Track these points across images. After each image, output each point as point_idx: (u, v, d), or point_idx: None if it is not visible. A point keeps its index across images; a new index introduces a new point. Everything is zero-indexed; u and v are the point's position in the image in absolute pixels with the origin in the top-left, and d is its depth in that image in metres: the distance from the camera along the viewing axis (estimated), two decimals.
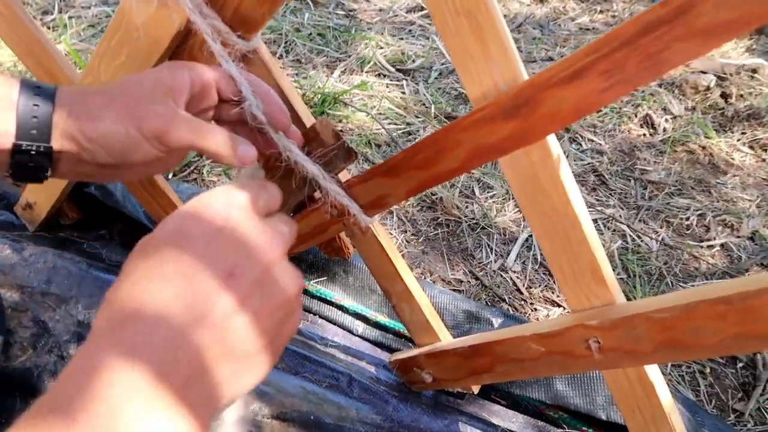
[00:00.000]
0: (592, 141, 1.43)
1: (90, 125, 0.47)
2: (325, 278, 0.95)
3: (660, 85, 1.66)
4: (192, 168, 1.19)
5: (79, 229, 1.01)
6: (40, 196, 0.93)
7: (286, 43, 1.66)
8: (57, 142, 0.47)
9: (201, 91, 0.53)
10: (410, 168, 0.59)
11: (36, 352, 0.81)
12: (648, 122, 1.52)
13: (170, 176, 1.16)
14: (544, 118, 0.49)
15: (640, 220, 1.21)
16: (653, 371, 0.62)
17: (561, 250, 0.57)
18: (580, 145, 1.42)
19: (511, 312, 0.98)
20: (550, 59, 1.82)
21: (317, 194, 0.69)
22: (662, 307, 0.53)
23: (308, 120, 0.66)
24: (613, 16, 2.14)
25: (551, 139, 0.52)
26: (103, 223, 1.02)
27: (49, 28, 1.60)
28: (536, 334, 0.64)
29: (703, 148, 1.44)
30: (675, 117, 1.54)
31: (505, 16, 2.03)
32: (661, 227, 1.19)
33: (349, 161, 0.63)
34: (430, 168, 0.58)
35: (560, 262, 0.58)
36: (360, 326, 0.92)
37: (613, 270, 1.09)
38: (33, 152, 0.47)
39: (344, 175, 0.68)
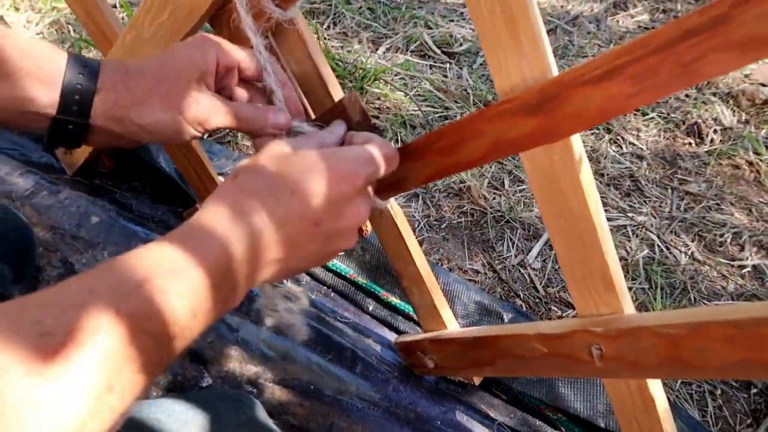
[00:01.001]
0: (634, 145, 1.39)
1: (138, 114, 0.51)
2: (342, 253, 0.96)
3: (714, 94, 1.59)
4: (227, 131, 1.21)
5: (114, 178, 1.04)
6: None
7: (334, 14, 1.65)
8: (100, 121, 0.51)
9: (225, 72, 0.56)
10: (431, 153, 0.59)
11: None
12: (695, 131, 1.46)
13: (205, 136, 1.19)
14: (569, 117, 0.48)
15: (671, 231, 1.18)
16: (655, 385, 0.61)
17: (574, 252, 0.57)
18: (621, 147, 1.38)
19: (524, 309, 0.97)
20: None
21: None
22: (669, 323, 0.52)
23: (337, 95, 0.66)
24: (676, 17, 2.05)
25: (575, 140, 0.51)
26: (137, 175, 1.05)
27: None
28: (540, 334, 0.63)
29: (750, 164, 1.38)
30: (725, 129, 1.48)
31: (561, 7, 1.98)
32: (693, 241, 1.16)
33: None
34: (451, 155, 0.57)
35: (572, 264, 0.58)
36: (371, 304, 0.93)
37: (635, 279, 1.07)
38: (70, 126, 0.50)
39: None
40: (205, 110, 0.53)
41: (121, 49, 0.76)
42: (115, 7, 1.50)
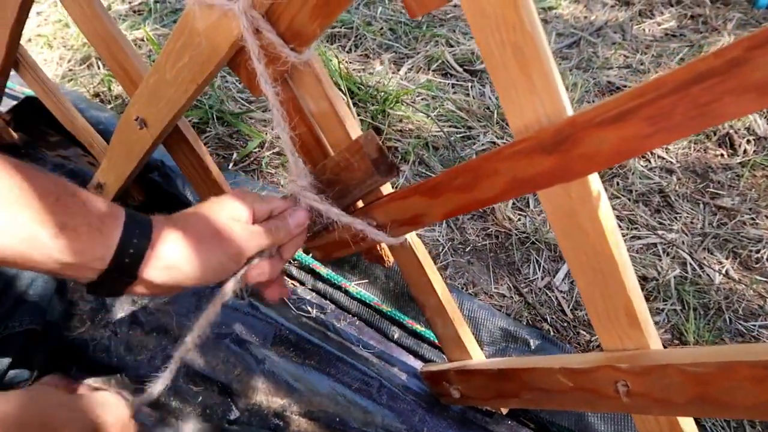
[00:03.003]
0: (663, 158, 1.36)
1: (188, 263, 0.53)
2: (367, 281, 0.96)
3: None
4: (252, 159, 1.23)
5: (144, 210, 1.07)
6: (110, 178, 0.99)
7: (356, 37, 1.67)
8: (146, 272, 0.51)
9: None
10: (448, 191, 0.59)
11: (93, 326, 0.87)
12: (727, 142, 1.43)
13: (230, 165, 1.21)
14: (584, 157, 0.47)
15: (704, 249, 1.14)
16: (686, 421, 0.59)
17: (595, 287, 0.56)
18: (649, 162, 1.35)
19: (552, 333, 0.96)
20: (629, 67, 1.74)
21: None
22: (697, 362, 0.51)
23: (354, 132, 0.66)
24: (705, 23, 2.01)
25: (593, 177, 0.50)
26: (165, 206, 1.07)
27: (134, 11, 1.69)
28: (565, 368, 0.63)
29: None
30: (759, 138, 1.44)
31: (584, 18, 1.96)
32: (727, 258, 1.13)
33: (391, 176, 0.64)
34: (467, 193, 0.57)
35: (594, 299, 0.57)
36: (396, 332, 0.93)
37: (667, 301, 1.04)
38: (116, 278, 0.51)
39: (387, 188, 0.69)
40: (243, 244, 0.57)
41: (145, 90, 0.78)
42: (142, 40, 1.55)
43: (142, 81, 0.78)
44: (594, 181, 0.50)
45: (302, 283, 0.99)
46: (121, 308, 0.88)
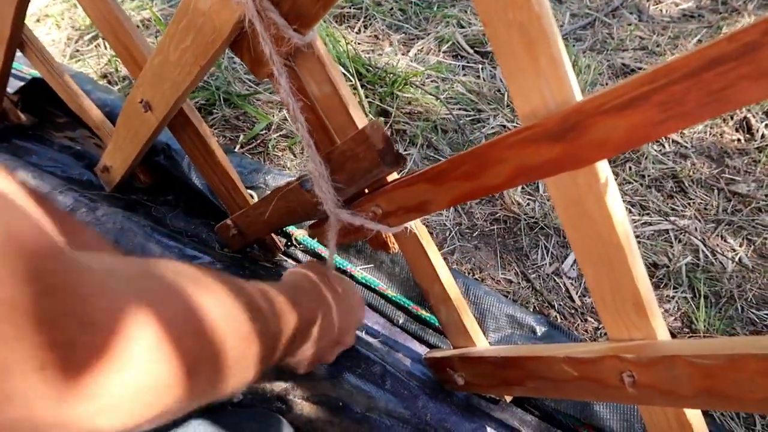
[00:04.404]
0: (677, 143, 1.34)
1: None
2: (372, 266, 0.96)
3: None
4: (258, 141, 1.22)
5: (150, 193, 1.07)
6: (116, 161, 0.99)
7: (365, 17, 1.64)
8: None
9: None
10: (453, 178, 0.58)
11: None
12: (745, 126, 1.39)
13: (237, 147, 1.20)
14: (592, 145, 0.46)
15: (717, 236, 1.12)
16: (693, 412, 0.58)
17: (603, 276, 0.55)
18: (663, 146, 1.32)
19: (559, 320, 0.95)
20: (644, 48, 1.70)
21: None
22: (705, 353, 0.50)
23: (358, 116, 0.65)
24: (724, 3, 1.95)
25: (601, 163, 0.49)
26: (171, 189, 1.07)
27: None
28: (569, 358, 0.62)
29: None
30: None
31: None
32: (741, 245, 1.10)
33: (397, 166, 0.63)
34: (473, 181, 0.56)
35: (601, 289, 0.56)
36: (401, 317, 0.93)
37: (677, 288, 1.03)
38: None
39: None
40: None
41: (149, 72, 0.77)
42: (149, 20, 1.54)
43: (147, 62, 0.77)
44: (602, 167, 0.49)
45: None
46: None
